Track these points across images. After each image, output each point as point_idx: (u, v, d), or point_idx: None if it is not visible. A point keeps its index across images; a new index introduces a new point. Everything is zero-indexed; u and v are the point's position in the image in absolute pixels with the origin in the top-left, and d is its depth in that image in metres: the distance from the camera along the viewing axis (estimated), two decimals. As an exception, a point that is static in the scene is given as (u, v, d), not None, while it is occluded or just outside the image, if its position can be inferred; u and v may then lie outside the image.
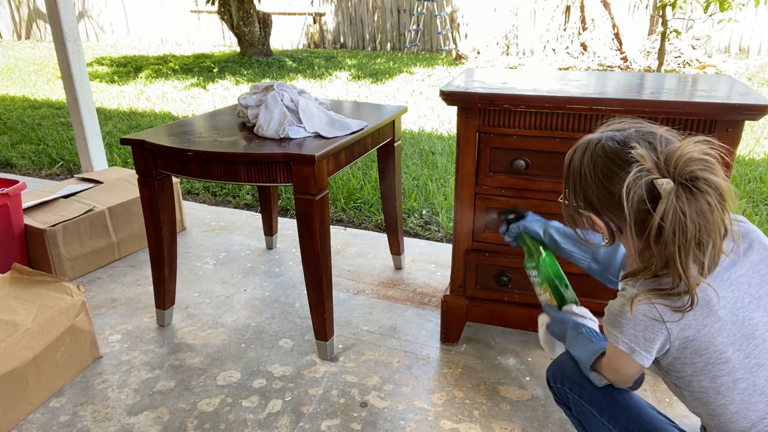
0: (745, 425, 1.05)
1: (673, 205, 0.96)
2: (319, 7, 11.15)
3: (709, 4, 6.06)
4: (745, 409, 1.04)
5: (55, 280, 2.00)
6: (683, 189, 0.97)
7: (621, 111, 1.61)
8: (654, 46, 8.04)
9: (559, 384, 1.34)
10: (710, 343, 1.03)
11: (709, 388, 1.06)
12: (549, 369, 1.40)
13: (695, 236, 0.97)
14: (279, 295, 2.46)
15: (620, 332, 1.08)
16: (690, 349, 1.04)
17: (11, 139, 4.94)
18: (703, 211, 0.96)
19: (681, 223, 0.96)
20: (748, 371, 1.03)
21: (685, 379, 1.09)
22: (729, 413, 1.05)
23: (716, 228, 0.97)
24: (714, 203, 0.96)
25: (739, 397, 1.04)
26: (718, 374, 1.04)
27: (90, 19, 13.17)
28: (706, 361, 1.04)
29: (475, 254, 1.93)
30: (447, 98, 1.76)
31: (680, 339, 1.04)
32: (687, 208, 0.96)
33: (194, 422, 1.75)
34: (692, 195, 0.96)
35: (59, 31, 3.30)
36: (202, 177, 1.86)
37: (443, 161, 4.11)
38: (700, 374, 1.05)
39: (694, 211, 0.96)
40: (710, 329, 1.03)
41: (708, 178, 0.97)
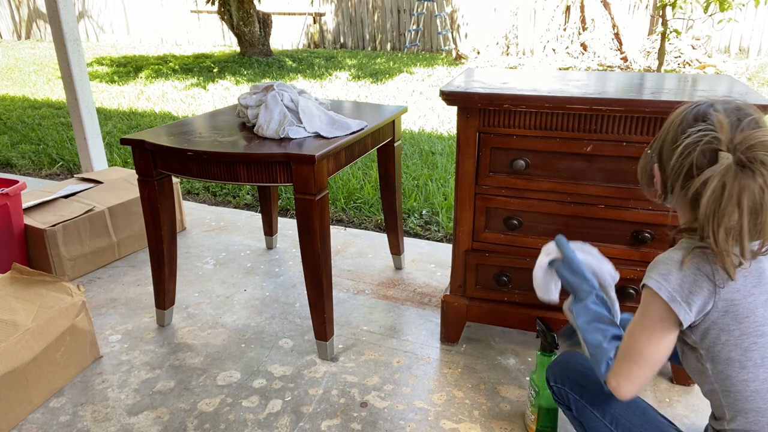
0: (762, 406, 1.04)
1: (719, 175, 0.98)
2: (319, 7, 11.15)
3: (709, 4, 6.07)
4: (765, 389, 1.03)
5: (55, 280, 2.00)
6: (738, 166, 0.98)
7: (621, 111, 1.61)
8: (654, 46, 8.04)
9: (560, 384, 1.33)
10: (752, 313, 1.03)
11: (736, 360, 1.05)
12: (549, 368, 1.40)
13: (727, 211, 0.97)
14: (279, 295, 2.46)
15: (664, 279, 1.06)
16: (731, 314, 1.04)
17: (11, 139, 4.94)
18: (745, 190, 0.97)
19: (718, 193, 0.98)
20: None
21: (714, 348, 1.07)
22: (749, 391, 1.05)
23: (763, 214, 0.98)
24: (766, 188, 0.97)
25: (763, 376, 1.03)
26: (750, 347, 1.03)
27: (90, 19, 13.17)
28: (743, 330, 1.03)
29: (475, 254, 1.93)
30: (447, 98, 1.76)
31: (725, 300, 1.03)
32: (730, 181, 0.97)
33: (194, 422, 1.75)
34: (742, 173, 0.97)
35: (59, 31, 3.30)
36: (202, 177, 1.86)
37: (443, 161, 4.11)
38: (733, 345, 1.05)
39: (736, 187, 0.97)
40: (756, 299, 1.03)
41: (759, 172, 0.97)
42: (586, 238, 1.81)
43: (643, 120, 1.63)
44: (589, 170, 1.72)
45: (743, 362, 1.04)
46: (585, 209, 1.77)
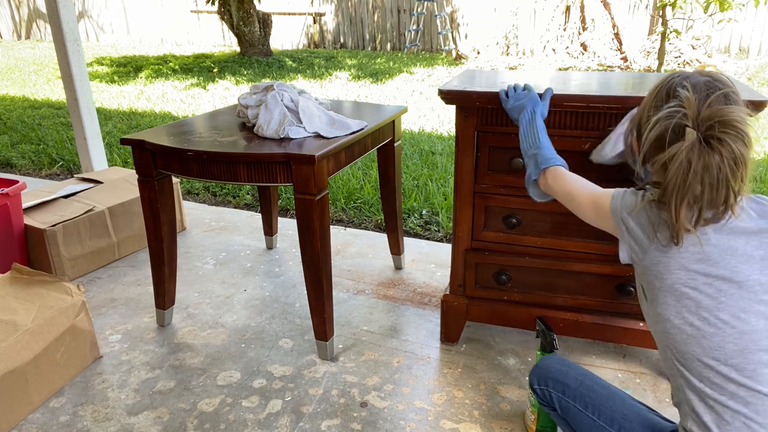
0: (697, 350, 1.07)
1: (684, 151, 1.03)
2: (319, 7, 11.15)
3: (709, 4, 6.07)
4: (701, 335, 1.07)
5: (55, 280, 2.00)
6: (702, 142, 1.03)
7: (618, 108, 1.61)
8: (654, 46, 8.04)
9: (543, 386, 1.38)
10: (683, 268, 1.08)
11: (672, 305, 1.10)
12: (532, 373, 1.43)
13: (694, 186, 1.04)
14: (279, 295, 2.46)
15: (621, 209, 1.19)
16: (663, 265, 1.11)
17: (11, 139, 4.94)
18: (708, 168, 1.02)
19: (684, 170, 1.04)
20: (714, 301, 1.06)
21: (652, 291, 1.14)
22: (685, 333, 1.09)
23: (720, 188, 1.03)
24: (723, 166, 1.02)
25: (698, 323, 1.07)
26: (683, 296, 1.09)
27: (90, 19, 13.17)
28: (674, 280, 1.09)
29: (475, 253, 1.93)
30: (445, 97, 1.77)
31: (659, 252, 1.11)
32: (695, 158, 1.03)
33: (194, 422, 1.75)
34: (706, 150, 1.02)
35: (59, 31, 3.30)
36: (202, 177, 1.86)
37: (443, 161, 4.11)
38: (667, 291, 1.11)
39: (700, 165, 1.02)
40: (690, 256, 1.08)
41: (729, 142, 1.02)
42: (585, 234, 1.81)
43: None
44: (587, 167, 1.72)
45: (678, 308, 1.09)
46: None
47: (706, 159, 1.02)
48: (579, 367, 1.39)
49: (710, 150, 1.02)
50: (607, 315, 1.89)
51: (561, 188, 1.41)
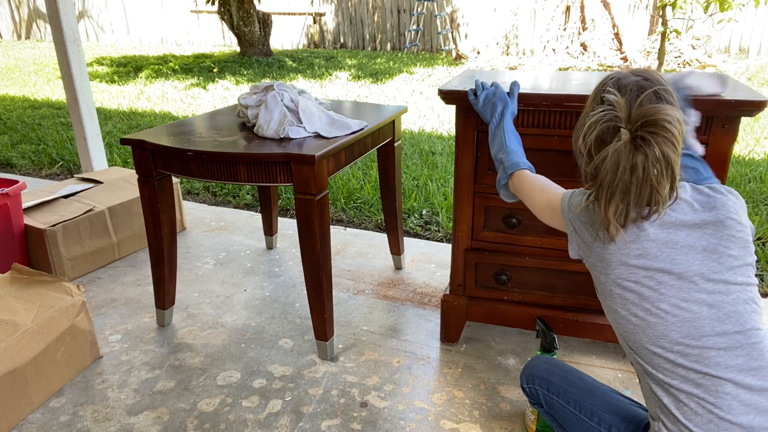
0: (643, 339, 1.12)
1: (613, 152, 1.07)
2: (319, 7, 11.15)
3: (709, 4, 6.07)
4: (645, 325, 1.11)
5: (55, 280, 2.00)
6: (632, 143, 1.07)
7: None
8: (654, 46, 8.04)
9: (530, 384, 1.43)
10: (623, 264, 1.13)
11: (618, 297, 1.14)
12: (522, 374, 1.47)
13: (621, 185, 1.07)
14: (279, 295, 2.46)
15: (569, 210, 1.24)
16: (605, 261, 1.15)
17: (11, 139, 4.94)
18: (634, 168, 1.06)
19: (613, 169, 1.08)
20: (656, 293, 1.10)
21: (599, 284, 1.19)
22: (631, 324, 1.13)
23: (645, 188, 1.06)
24: (648, 166, 1.05)
25: (641, 314, 1.11)
26: (627, 288, 1.13)
27: (90, 19, 13.17)
28: (617, 275, 1.14)
29: (475, 253, 1.93)
30: (446, 97, 1.77)
31: (602, 249, 1.15)
32: (623, 158, 1.06)
33: (194, 422, 1.75)
34: (635, 150, 1.06)
35: (59, 31, 3.30)
36: (202, 177, 1.86)
37: (443, 161, 4.11)
38: (612, 285, 1.15)
39: (628, 164, 1.06)
40: (629, 252, 1.12)
41: (654, 143, 1.05)
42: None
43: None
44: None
45: (623, 300, 1.14)
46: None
47: (633, 159, 1.06)
48: (565, 365, 1.42)
49: (636, 150, 1.06)
50: (607, 315, 1.89)
51: (523, 191, 1.44)
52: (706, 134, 1.60)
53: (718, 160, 1.60)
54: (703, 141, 1.61)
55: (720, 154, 1.60)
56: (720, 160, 1.60)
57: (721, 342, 1.06)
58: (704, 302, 1.08)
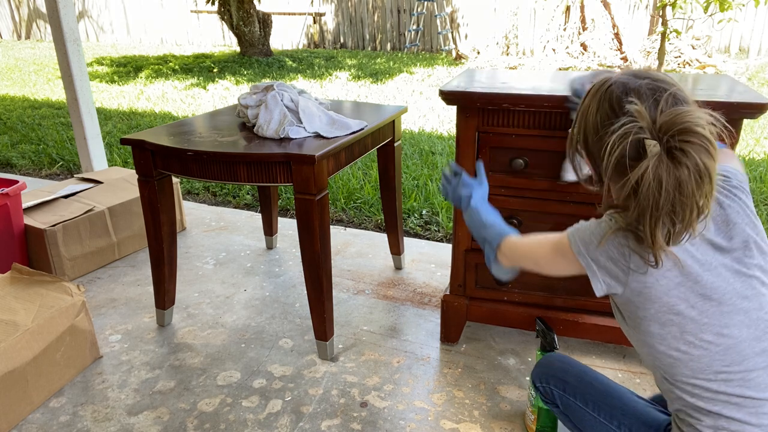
0: (686, 372, 1.06)
1: (652, 169, 0.95)
2: (319, 7, 11.15)
3: (709, 4, 6.06)
4: (688, 359, 1.05)
5: (55, 280, 2.00)
6: (668, 156, 0.95)
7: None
8: (654, 46, 8.04)
9: (544, 383, 1.38)
10: (665, 294, 1.04)
11: (656, 334, 1.07)
12: (534, 371, 1.44)
13: (667, 205, 0.96)
14: (279, 295, 2.46)
15: (585, 247, 1.10)
16: (644, 295, 1.05)
17: (11, 139, 4.94)
18: (680, 183, 0.95)
19: (655, 189, 0.95)
20: (697, 326, 1.03)
21: (635, 319, 1.10)
22: (672, 358, 1.07)
23: (689, 202, 0.96)
24: (690, 180, 0.94)
25: (684, 347, 1.05)
26: (667, 323, 1.05)
27: (90, 19, 13.17)
28: (657, 309, 1.05)
29: (475, 253, 1.93)
30: (446, 98, 1.76)
31: (638, 283, 1.05)
32: (665, 175, 0.95)
33: (194, 422, 1.75)
34: (674, 164, 0.95)
35: (59, 31, 3.30)
36: (202, 177, 1.86)
37: (443, 161, 4.11)
38: (651, 320, 1.07)
39: (672, 181, 0.95)
40: (669, 281, 1.03)
41: (694, 154, 0.94)
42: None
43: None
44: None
45: (663, 335, 1.06)
46: (584, 208, 1.77)
47: (677, 174, 0.94)
48: (580, 364, 1.39)
49: (677, 163, 0.94)
50: (606, 315, 1.89)
51: (519, 254, 1.29)
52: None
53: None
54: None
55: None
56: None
57: (761, 362, 1.03)
58: (743, 323, 1.03)
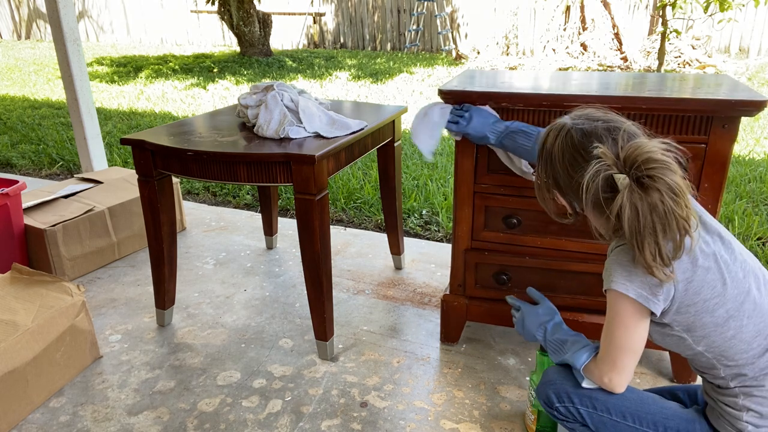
0: (742, 347, 1.15)
1: (628, 200, 1.09)
2: (319, 7, 11.15)
3: (709, 4, 6.06)
4: (740, 332, 1.15)
5: (55, 280, 2.00)
6: (638, 185, 1.09)
7: (618, 108, 1.60)
8: (654, 46, 8.04)
9: (567, 403, 1.30)
10: (705, 283, 1.14)
11: (709, 323, 1.15)
12: (545, 390, 1.35)
13: (649, 227, 1.09)
14: (279, 295, 2.46)
15: (628, 280, 1.16)
16: (690, 290, 1.14)
17: (11, 139, 4.94)
18: (654, 206, 1.08)
19: (634, 216, 1.09)
20: (734, 300, 1.15)
21: (687, 320, 1.16)
22: (727, 340, 1.15)
23: (671, 220, 1.08)
24: (665, 200, 1.07)
25: (734, 324, 1.15)
26: (715, 308, 1.14)
27: (90, 19, 13.17)
28: (704, 297, 1.14)
29: (475, 253, 1.93)
30: (446, 97, 1.76)
31: (682, 282, 1.14)
32: (639, 203, 1.08)
33: (194, 422, 1.75)
34: (645, 192, 1.08)
35: (59, 31, 3.30)
36: (202, 177, 1.86)
37: (443, 161, 4.11)
38: (701, 311, 1.15)
39: (646, 206, 1.08)
40: (701, 271, 1.14)
41: (662, 176, 1.08)
42: (585, 235, 1.81)
43: (642, 118, 1.63)
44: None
45: (715, 321, 1.15)
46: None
47: (649, 200, 1.08)
48: None
49: (648, 190, 1.08)
50: (607, 315, 1.89)
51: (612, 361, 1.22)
52: (705, 134, 1.60)
53: (717, 161, 1.60)
54: (702, 141, 1.61)
55: (720, 155, 1.60)
56: (720, 160, 1.60)
57: None
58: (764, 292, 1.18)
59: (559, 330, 1.42)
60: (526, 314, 1.52)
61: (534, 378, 1.62)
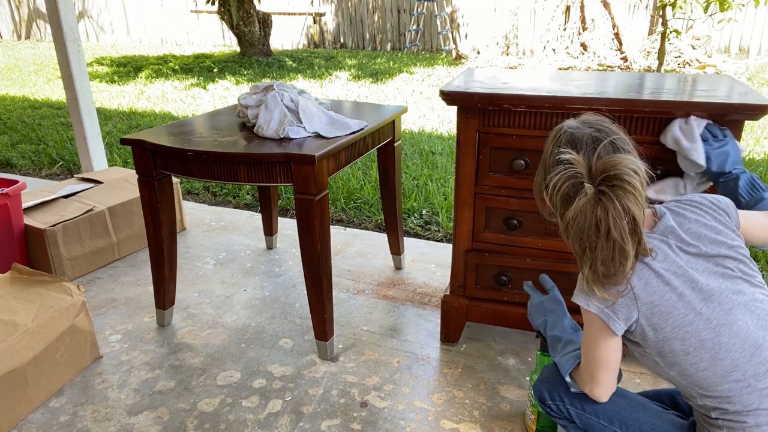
0: (716, 380, 1.11)
1: (580, 206, 1.09)
2: (319, 7, 11.15)
3: (709, 4, 6.07)
4: (714, 365, 1.11)
5: (55, 280, 2.00)
6: (600, 195, 1.08)
7: (621, 111, 1.61)
8: (654, 46, 8.04)
9: (558, 402, 1.33)
10: (673, 308, 1.11)
11: (679, 350, 1.12)
12: (539, 387, 1.38)
13: (590, 241, 1.09)
14: (279, 295, 2.46)
15: (588, 296, 1.17)
16: (657, 314, 1.12)
17: (11, 139, 4.94)
18: (599, 222, 1.07)
19: (578, 226, 1.10)
20: (711, 331, 1.11)
21: (657, 345, 1.15)
22: (699, 371, 1.12)
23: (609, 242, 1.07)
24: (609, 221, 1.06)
25: (707, 356, 1.11)
26: (685, 336, 1.11)
27: (90, 19, 13.17)
28: (672, 324, 1.12)
29: (475, 254, 1.93)
30: (447, 98, 1.76)
31: (646, 305, 1.12)
32: (588, 213, 1.08)
33: (194, 422, 1.75)
34: (597, 205, 1.08)
35: (59, 31, 3.30)
36: (202, 177, 1.86)
37: (443, 161, 4.11)
38: (671, 338, 1.12)
39: (592, 219, 1.08)
40: (671, 296, 1.12)
41: (614, 197, 1.06)
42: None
43: (643, 120, 1.63)
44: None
45: (685, 349, 1.12)
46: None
47: (597, 213, 1.07)
48: None
49: (597, 204, 1.08)
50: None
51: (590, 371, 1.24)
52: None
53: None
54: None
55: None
56: None
57: None
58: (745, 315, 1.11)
59: (559, 325, 1.43)
60: (532, 303, 1.54)
61: (534, 378, 1.62)
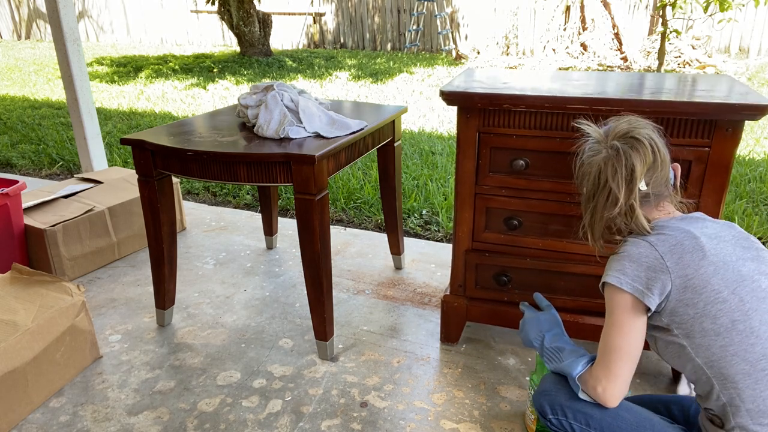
0: (744, 367, 1.08)
1: (595, 164, 1.24)
2: (319, 7, 11.15)
3: (709, 4, 6.07)
4: (744, 350, 1.08)
5: (55, 280, 2.00)
6: (609, 153, 1.23)
7: (621, 111, 1.61)
8: (654, 46, 8.04)
9: (560, 416, 1.28)
10: (707, 282, 1.11)
11: (710, 330, 1.10)
12: (539, 400, 1.33)
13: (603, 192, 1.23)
14: (279, 295, 2.46)
15: (622, 273, 1.18)
16: (690, 288, 1.12)
17: (11, 139, 4.94)
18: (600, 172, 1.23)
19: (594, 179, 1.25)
20: (744, 314, 1.09)
21: (686, 324, 1.13)
22: (729, 355, 1.09)
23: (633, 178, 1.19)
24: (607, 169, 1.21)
25: (737, 338, 1.08)
26: (718, 314, 1.10)
27: (90, 19, 13.17)
28: (705, 300, 1.11)
29: (475, 254, 1.93)
30: (447, 98, 1.76)
31: (680, 278, 1.12)
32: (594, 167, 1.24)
33: (194, 422, 1.75)
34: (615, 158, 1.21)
35: (59, 31, 3.30)
36: (202, 177, 1.86)
37: (443, 161, 4.11)
38: (702, 316, 1.11)
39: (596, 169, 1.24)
40: (705, 270, 1.12)
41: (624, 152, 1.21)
42: (586, 238, 1.81)
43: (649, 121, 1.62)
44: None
45: (716, 329, 1.09)
46: (585, 209, 1.77)
47: (602, 165, 1.23)
48: None
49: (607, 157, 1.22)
50: (607, 315, 1.89)
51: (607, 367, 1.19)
52: (709, 138, 1.59)
53: (720, 165, 1.60)
54: (705, 145, 1.60)
55: (722, 159, 1.59)
56: (722, 164, 1.60)
57: None
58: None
59: (559, 339, 1.40)
60: (527, 320, 1.51)
61: (534, 378, 1.62)
